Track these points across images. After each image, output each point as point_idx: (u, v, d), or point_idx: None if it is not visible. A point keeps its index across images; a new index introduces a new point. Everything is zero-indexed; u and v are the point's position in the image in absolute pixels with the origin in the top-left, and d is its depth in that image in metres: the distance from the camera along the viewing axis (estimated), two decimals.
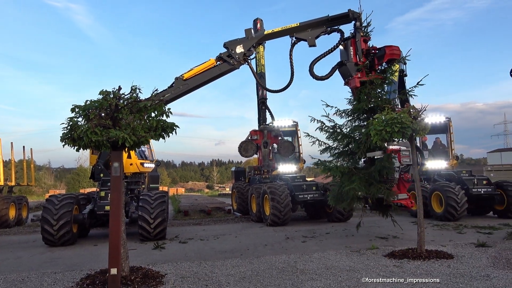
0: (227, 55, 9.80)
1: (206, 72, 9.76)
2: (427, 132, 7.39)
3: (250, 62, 10.05)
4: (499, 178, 19.58)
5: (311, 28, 9.74)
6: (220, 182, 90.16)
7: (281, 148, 14.18)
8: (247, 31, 9.93)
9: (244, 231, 11.07)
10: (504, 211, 12.44)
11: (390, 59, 8.95)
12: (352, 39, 9.32)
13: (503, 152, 55.47)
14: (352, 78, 9.06)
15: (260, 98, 14.66)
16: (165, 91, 9.40)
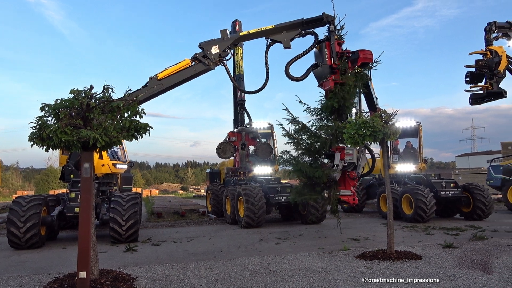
0: (202, 55, 9.76)
1: (181, 72, 9.68)
2: (397, 136, 7.58)
3: (225, 63, 10.05)
4: (466, 181, 20.34)
5: (286, 30, 9.87)
6: (195, 184, 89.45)
7: (260, 150, 14.21)
8: (223, 32, 9.93)
9: (218, 233, 11.02)
10: (470, 213, 12.92)
11: (363, 63, 9.25)
12: (327, 41, 9.55)
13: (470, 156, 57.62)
14: (326, 80, 9.29)
15: (239, 100, 14.65)
16: (139, 90, 9.25)
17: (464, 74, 11.83)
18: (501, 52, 11.69)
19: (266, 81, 9.91)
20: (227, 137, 14.64)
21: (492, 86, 11.88)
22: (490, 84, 11.94)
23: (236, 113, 15.66)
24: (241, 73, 14.45)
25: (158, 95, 9.61)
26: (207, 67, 9.74)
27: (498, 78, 11.73)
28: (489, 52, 11.93)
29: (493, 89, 11.87)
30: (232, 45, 10.08)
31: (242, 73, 14.48)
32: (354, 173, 9.27)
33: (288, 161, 9.72)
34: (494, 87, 11.85)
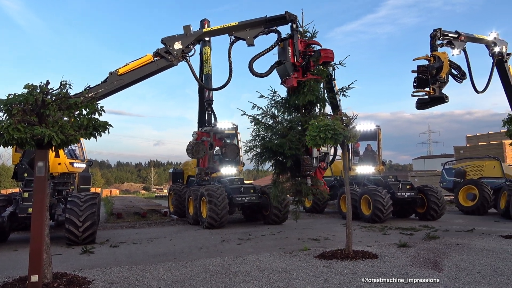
0: (164, 51, 9.59)
1: (142, 68, 9.47)
2: (357, 138, 7.83)
3: (188, 59, 9.94)
4: (422, 183, 21.26)
5: (249, 27, 9.93)
6: (158, 184, 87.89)
7: (228, 151, 14.14)
8: (186, 28, 9.82)
9: (180, 234, 10.89)
10: (424, 213, 13.54)
11: (324, 62, 9.56)
12: (290, 39, 9.71)
13: (426, 159, 60.24)
14: (289, 78, 9.48)
15: (206, 100, 14.48)
16: (98, 86, 8.95)
17: (413, 80, 12.41)
18: (443, 58, 12.33)
19: (230, 78, 9.93)
20: (196, 137, 14.43)
21: (435, 91, 12.51)
22: (432, 89, 12.57)
23: (202, 112, 15.52)
24: (209, 73, 14.33)
25: (118, 91, 9.37)
26: (169, 63, 9.60)
27: (441, 83, 12.37)
28: (432, 57, 12.56)
29: (435, 94, 12.49)
30: (195, 41, 9.99)
31: (210, 73, 14.35)
32: (324, 163, 9.71)
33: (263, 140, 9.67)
34: (437, 92, 12.48)
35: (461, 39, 13.35)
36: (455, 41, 13.29)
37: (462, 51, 13.51)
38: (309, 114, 9.53)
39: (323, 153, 9.78)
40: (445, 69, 12.27)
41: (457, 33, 13.34)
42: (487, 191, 15.17)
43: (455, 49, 13.28)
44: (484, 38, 14.15)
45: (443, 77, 12.28)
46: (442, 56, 12.41)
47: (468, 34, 13.58)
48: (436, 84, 12.33)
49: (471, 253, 7.69)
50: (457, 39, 13.27)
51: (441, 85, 12.36)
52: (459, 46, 13.31)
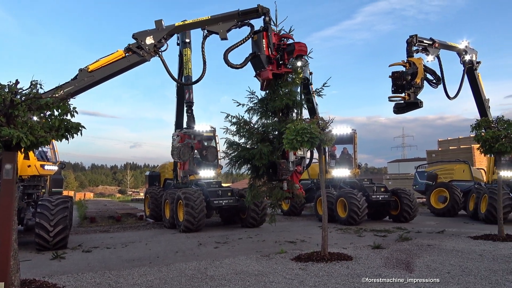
0: (136, 46, 9.38)
1: (113, 64, 9.22)
2: (333, 142, 7.94)
3: (161, 54, 9.77)
4: (396, 186, 21.72)
5: (222, 21, 9.88)
6: (134, 187, 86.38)
7: (208, 153, 14.01)
8: (158, 23, 9.65)
9: (156, 238, 10.73)
10: (397, 215, 13.85)
11: (298, 55, 9.57)
12: (264, 31, 9.67)
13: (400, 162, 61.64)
14: (264, 70, 9.44)
15: (187, 102, 14.28)
16: (68, 83, 8.69)
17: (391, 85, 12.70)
18: (418, 64, 12.69)
19: (204, 72, 9.82)
20: (179, 139, 14.20)
21: (410, 97, 12.85)
22: (408, 95, 12.90)
23: (180, 114, 15.36)
24: (189, 75, 14.19)
25: (89, 88, 9.14)
26: (141, 58, 9.40)
27: (416, 89, 12.72)
28: (408, 63, 12.91)
29: (410, 99, 12.84)
30: (168, 36, 9.82)
31: (190, 75, 14.22)
32: (300, 167, 9.76)
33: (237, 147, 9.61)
34: (412, 98, 12.83)
35: (435, 46, 13.77)
36: (429, 48, 13.68)
37: (436, 58, 13.94)
38: (287, 119, 9.57)
39: (299, 157, 9.84)
40: (419, 75, 12.60)
41: (431, 40, 13.74)
42: (457, 194, 15.66)
43: (430, 56, 13.67)
44: (456, 46, 14.64)
45: (418, 83, 12.60)
46: (417, 62, 12.75)
47: (441, 42, 14.02)
48: (411, 89, 12.66)
49: (441, 253, 7.91)
50: (431, 46, 13.68)
51: (416, 91, 12.68)
52: (434, 53, 13.71)
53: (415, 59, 12.86)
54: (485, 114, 14.38)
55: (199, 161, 14.73)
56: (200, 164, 14.74)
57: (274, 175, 9.53)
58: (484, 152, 10.23)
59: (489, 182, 14.76)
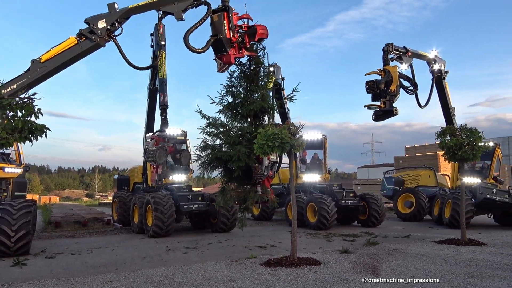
0: (88, 31, 9.09)
1: (66, 52, 8.88)
2: (303, 147, 8.03)
3: (116, 39, 9.43)
4: (365, 191, 22.22)
5: (177, 1, 9.68)
6: (103, 191, 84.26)
7: (182, 157, 13.80)
8: (110, 6, 9.34)
9: (123, 244, 10.48)
10: (366, 220, 14.15)
11: (260, 38, 9.36)
12: (225, 12, 9.39)
13: (370, 168, 63.11)
14: (226, 54, 9.18)
15: (161, 105, 14.02)
16: (20, 76, 8.37)
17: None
18: (392, 72, 13.08)
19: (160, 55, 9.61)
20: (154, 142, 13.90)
21: (385, 105, 13.22)
22: (383, 103, 13.28)
23: (150, 117, 15.13)
24: (164, 77, 14.00)
25: (44, 79, 8.83)
26: (94, 43, 9.10)
27: (391, 96, 13.10)
28: (383, 72, 13.28)
29: (386, 107, 13.21)
30: (122, 19, 9.55)
31: (165, 77, 14.03)
32: (271, 172, 9.79)
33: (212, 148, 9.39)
34: (387, 105, 13.21)
35: (409, 55, 14.25)
36: (403, 56, 14.13)
37: (409, 67, 14.41)
38: (259, 123, 9.56)
39: (271, 162, 9.88)
40: (394, 83, 12.97)
41: (405, 49, 14.20)
42: (423, 199, 16.19)
43: (404, 64, 14.11)
44: (427, 55, 15.20)
45: (393, 91, 12.96)
46: (391, 70, 13.12)
47: (414, 51, 14.52)
48: (386, 97, 13.00)
49: (407, 258, 8.14)
50: (405, 54, 14.13)
51: (391, 98, 13.04)
52: (407, 62, 14.18)
53: (390, 67, 13.23)
54: (451, 122, 14.98)
55: (171, 165, 14.53)
56: (172, 168, 14.54)
57: (247, 179, 9.51)
58: (448, 159, 10.65)
59: (453, 188, 15.35)
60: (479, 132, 10.18)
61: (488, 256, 8.26)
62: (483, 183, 14.10)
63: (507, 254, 8.58)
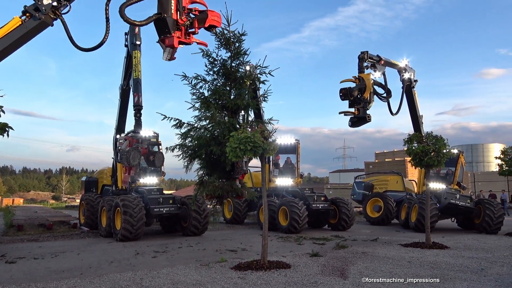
0: (33, 8, 8.52)
1: (10, 34, 8.33)
2: (275, 152, 8.07)
3: (62, 16, 8.82)
4: (336, 195, 22.56)
5: None
6: (70, 193, 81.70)
7: (155, 159, 13.52)
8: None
9: (90, 248, 10.18)
10: (336, 224, 14.38)
11: (210, 25, 8.67)
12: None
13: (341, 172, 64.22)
14: (170, 36, 8.31)
15: (135, 105, 13.71)
16: None
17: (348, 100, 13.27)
18: (366, 80, 13.40)
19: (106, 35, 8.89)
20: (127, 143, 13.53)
21: (359, 111, 13.53)
22: (357, 110, 13.58)
23: (122, 118, 14.81)
24: (139, 77, 13.74)
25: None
26: (39, 21, 8.53)
27: (364, 103, 13.41)
28: (358, 79, 13.59)
29: (359, 114, 13.51)
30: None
31: (140, 78, 13.78)
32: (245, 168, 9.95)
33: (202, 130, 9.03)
34: (361, 112, 13.51)
35: (382, 63, 14.64)
36: (377, 65, 14.51)
37: (382, 75, 14.81)
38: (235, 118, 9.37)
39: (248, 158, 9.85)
40: (368, 90, 13.28)
41: (378, 57, 14.57)
42: (391, 204, 16.63)
43: (377, 72, 14.48)
44: (398, 64, 15.66)
45: (366, 98, 13.26)
46: (365, 77, 13.44)
47: (387, 59, 14.92)
48: (360, 104, 13.29)
49: (374, 261, 8.32)
50: (378, 62, 14.50)
51: (365, 105, 13.34)
52: (380, 70, 14.57)
53: (364, 75, 13.55)
54: (418, 130, 15.47)
55: (144, 167, 14.25)
56: (145, 170, 14.26)
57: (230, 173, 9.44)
58: (415, 164, 10.99)
59: (420, 193, 15.83)
60: (444, 140, 10.57)
61: (450, 259, 8.57)
62: (447, 189, 14.63)
63: (468, 257, 8.94)
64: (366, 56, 13.95)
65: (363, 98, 13.24)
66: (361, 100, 13.26)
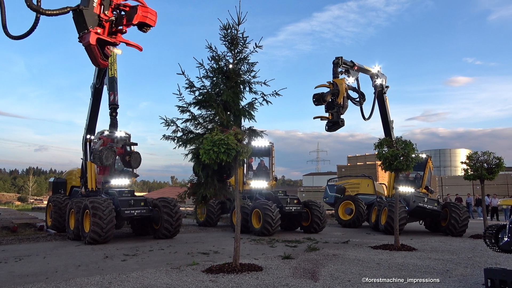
0: None
1: None
2: (249, 154, 8.07)
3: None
4: (309, 198, 22.80)
5: None
6: (37, 194, 78.94)
7: (132, 159, 13.21)
8: None
9: (56, 251, 9.86)
10: (308, 226, 14.53)
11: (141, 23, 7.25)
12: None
13: (315, 175, 65.00)
14: (88, 32, 6.77)
15: (111, 104, 13.34)
16: None
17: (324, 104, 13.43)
18: (339, 85, 13.62)
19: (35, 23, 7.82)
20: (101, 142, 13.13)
21: (333, 116, 13.74)
22: (331, 114, 13.79)
23: (93, 117, 14.44)
24: (115, 76, 13.42)
25: None
26: None
27: (338, 108, 13.62)
28: (332, 84, 13.80)
29: (333, 118, 13.72)
30: None
31: (116, 76, 13.46)
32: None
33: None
34: (334, 117, 13.73)
35: (355, 69, 14.92)
36: (351, 70, 14.76)
37: (355, 80, 15.08)
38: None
39: None
40: (341, 95, 13.48)
41: (352, 63, 14.84)
42: (362, 206, 16.97)
43: (351, 77, 14.73)
44: (370, 70, 16.00)
45: (339, 103, 13.46)
46: (339, 82, 13.65)
47: (360, 65, 15.22)
48: (334, 109, 13.49)
49: (345, 263, 8.46)
50: (352, 68, 14.77)
51: (339, 110, 13.54)
52: (354, 75, 14.83)
53: (338, 80, 13.77)
54: (389, 134, 15.87)
55: (117, 167, 13.91)
56: (119, 171, 13.88)
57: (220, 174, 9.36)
58: (385, 168, 11.26)
59: (389, 196, 16.23)
60: (412, 145, 10.89)
61: (417, 261, 8.82)
62: (415, 192, 15.06)
63: (434, 258, 9.23)
64: (340, 62, 14.20)
65: (336, 103, 13.45)
66: (335, 105, 13.47)
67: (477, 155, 13.82)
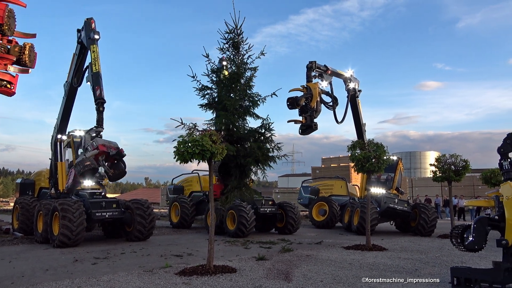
0: None
1: None
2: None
3: None
4: (284, 199, 22.95)
5: None
6: (4, 196, 75.91)
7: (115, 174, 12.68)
8: None
9: (23, 255, 9.51)
10: (283, 228, 14.63)
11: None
12: None
13: (290, 177, 65.48)
14: None
15: (98, 99, 12.85)
16: None
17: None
18: (313, 89, 13.80)
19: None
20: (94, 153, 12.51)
21: (307, 120, 13.88)
22: (305, 118, 13.93)
23: (66, 116, 14.00)
24: (99, 71, 13.10)
25: None
26: None
27: (312, 112, 13.77)
28: (305, 88, 13.95)
29: (307, 122, 13.86)
30: None
31: (100, 71, 13.13)
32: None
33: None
34: (308, 120, 13.88)
35: (329, 73, 15.12)
36: (324, 74, 14.94)
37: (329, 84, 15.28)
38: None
39: None
40: (314, 99, 13.64)
41: (326, 67, 15.04)
42: (335, 208, 17.22)
43: (324, 81, 14.90)
44: (343, 74, 16.26)
45: (313, 107, 13.62)
46: (312, 86, 13.80)
47: (333, 69, 15.43)
48: (307, 113, 13.62)
49: (318, 263, 8.58)
50: (326, 72, 14.96)
51: (313, 114, 13.69)
52: (327, 79, 15.02)
53: (311, 84, 13.92)
54: (361, 137, 16.19)
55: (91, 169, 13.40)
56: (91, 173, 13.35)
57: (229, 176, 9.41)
58: (357, 170, 11.49)
59: (362, 197, 16.56)
60: (384, 147, 11.17)
61: (388, 260, 9.05)
62: (387, 194, 15.44)
63: (404, 258, 9.49)
64: (314, 66, 14.37)
65: (310, 107, 13.62)
66: (308, 109, 13.63)
67: (445, 158, 14.32)
